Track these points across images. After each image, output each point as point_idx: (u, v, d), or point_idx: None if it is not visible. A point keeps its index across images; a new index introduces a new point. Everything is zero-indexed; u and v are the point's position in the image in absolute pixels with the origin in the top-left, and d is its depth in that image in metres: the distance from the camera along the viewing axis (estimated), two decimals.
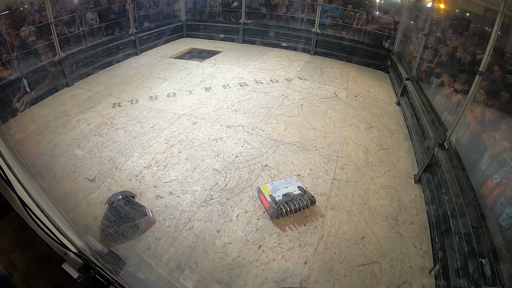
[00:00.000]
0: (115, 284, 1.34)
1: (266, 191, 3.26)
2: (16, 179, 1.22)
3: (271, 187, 3.31)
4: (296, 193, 3.26)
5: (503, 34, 3.42)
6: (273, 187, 3.31)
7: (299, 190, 3.30)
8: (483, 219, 2.49)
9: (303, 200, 3.17)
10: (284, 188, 3.31)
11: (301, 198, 3.19)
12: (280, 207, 3.06)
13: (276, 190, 3.27)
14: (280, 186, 3.33)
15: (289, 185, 3.36)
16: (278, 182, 3.45)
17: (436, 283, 2.62)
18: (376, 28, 8.00)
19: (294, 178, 3.54)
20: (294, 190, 3.30)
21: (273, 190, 3.27)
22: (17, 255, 1.37)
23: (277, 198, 3.16)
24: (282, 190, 3.27)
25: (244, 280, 2.59)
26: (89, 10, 7.23)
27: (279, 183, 3.39)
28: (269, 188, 3.30)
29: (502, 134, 2.85)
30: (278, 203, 3.10)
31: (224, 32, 9.75)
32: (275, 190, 3.27)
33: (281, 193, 3.24)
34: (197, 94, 5.96)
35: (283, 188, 3.31)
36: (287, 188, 3.32)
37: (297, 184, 3.40)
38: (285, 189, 3.30)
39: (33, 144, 4.38)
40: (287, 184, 3.39)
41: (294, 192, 3.27)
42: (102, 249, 1.68)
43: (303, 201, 3.16)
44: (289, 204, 3.11)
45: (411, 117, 5.06)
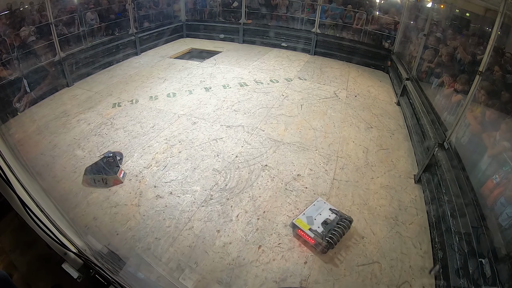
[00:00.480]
0: (115, 284, 1.34)
1: (303, 225, 2.94)
2: (16, 179, 1.22)
3: (305, 219, 3.00)
4: (332, 217, 3.00)
5: (503, 34, 3.42)
6: (308, 219, 3.01)
7: (333, 213, 3.05)
8: (483, 219, 2.49)
9: (343, 223, 2.91)
10: (319, 216, 3.03)
11: (340, 222, 2.94)
12: (327, 240, 2.77)
13: (312, 221, 2.98)
14: (313, 214, 3.05)
15: (321, 211, 3.09)
16: (308, 210, 3.14)
17: (436, 283, 2.62)
18: (376, 28, 8.01)
19: (321, 200, 3.27)
20: (329, 215, 3.04)
21: (309, 222, 2.98)
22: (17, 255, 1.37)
23: (318, 230, 2.87)
24: (318, 219, 2.99)
25: (244, 280, 2.59)
26: (89, 10, 7.23)
27: (311, 212, 3.10)
28: (304, 221, 2.99)
29: (502, 134, 2.85)
30: (323, 235, 2.81)
31: (224, 32, 9.75)
32: (311, 221, 2.98)
33: (319, 222, 2.96)
34: (197, 94, 5.97)
35: (318, 216, 3.03)
36: (321, 214, 3.05)
37: (327, 206, 3.15)
38: (320, 217, 3.02)
39: (33, 144, 4.38)
40: (319, 210, 3.12)
41: (330, 217, 3.01)
42: (102, 249, 1.68)
43: (344, 225, 2.90)
44: (333, 234, 2.82)
45: (411, 117, 5.06)
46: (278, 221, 3.16)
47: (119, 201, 3.35)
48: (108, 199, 3.37)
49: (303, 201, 3.43)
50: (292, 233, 3.03)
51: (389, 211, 3.37)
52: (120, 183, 3.58)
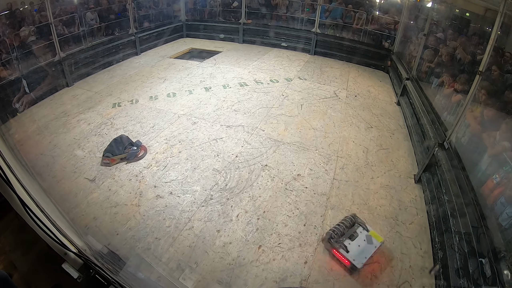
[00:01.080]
0: (115, 284, 1.34)
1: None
2: (16, 179, 1.22)
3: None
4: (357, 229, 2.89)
5: (503, 34, 3.42)
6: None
7: (364, 229, 2.90)
8: (483, 219, 2.49)
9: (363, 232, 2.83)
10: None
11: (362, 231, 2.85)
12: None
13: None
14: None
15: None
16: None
17: (436, 283, 2.62)
18: (376, 28, 8.00)
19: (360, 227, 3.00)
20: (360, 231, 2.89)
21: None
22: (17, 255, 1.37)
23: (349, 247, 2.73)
24: (346, 235, 2.84)
25: (244, 280, 2.59)
26: (89, 10, 7.23)
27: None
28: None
29: (502, 134, 2.85)
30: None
31: (224, 32, 9.75)
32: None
33: (347, 237, 2.82)
34: (197, 94, 5.97)
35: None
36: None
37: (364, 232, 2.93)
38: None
39: (33, 144, 4.38)
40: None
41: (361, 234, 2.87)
42: (102, 249, 1.68)
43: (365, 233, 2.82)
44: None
45: (411, 117, 5.06)
46: (278, 221, 3.16)
47: (119, 201, 3.35)
48: (108, 199, 3.37)
49: (303, 201, 3.43)
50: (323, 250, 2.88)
51: (389, 211, 3.37)
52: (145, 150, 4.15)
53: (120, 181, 3.63)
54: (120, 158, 3.93)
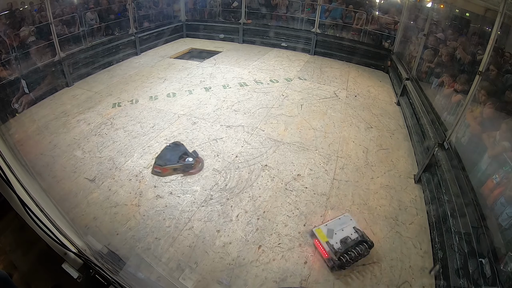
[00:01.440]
0: (115, 284, 1.34)
1: (321, 236, 2.85)
2: (16, 179, 1.22)
3: (325, 231, 2.88)
4: (353, 237, 2.82)
5: (503, 34, 3.42)
6: (328, 231, 2.88)
7: (356, 232, 2.87)
8: (483, 219, 2.49)
9: (362, 247, 2.73)
10: (340, 231, 2.88)
11: (360, 244, 2.76)
12: (340, 259, 2.65)
13: (332, 235, 2.85)
14: (336, 228, 2.91)
15: (344, 227, 2.93)
16: (332, 222, 3.01)
17: (436, 283, 2.62)
18: (376, 28, 8.01)
19: (348, 216, 3.10)
20: (351, 233, 2.86)
21: (329, 234, 2.85)
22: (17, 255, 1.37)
23: (335, 246, 2.73)
24: (338, 235, 2.85)
25: (244, 280, 2.59)
26: (89, 10, 7.23)
27: (334, 225, 2.96)
28: (324, 231, 2.88)
29: (502, 134, 2.85)
30: (338, 252, 2.67)
31: (224, 32, 9.75)
32: (331, 234, 2.85)
33: (338, 238, 2.81)
34: (197, 94, 5.96)
35: (339, 231, 2.89)
36: (343, 230, 2.89)
37: (352, 224, 2.98)
38: (342, 232, 2.87)
39: (33, 144, 4.38)
40: (342, 225, 2.96)
41: (352, 235, 2.84)
42: (102, 249, 1.68)
43: (362, 248, 2.72)
44: (349, 254, 2.67)
45: (411, 117, 5.06)
46: (278, 221, 3.16)
47: (119, 201, 3.35)
48: (108, 199, 3.37)
49: (303, 201, 3.43)
50: (310, 240, 2.95)
51: (389, 211, 3.37)
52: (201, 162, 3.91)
53: (120, 181, 3.63)
54: (173, 169, 3.68)
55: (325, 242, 2.79)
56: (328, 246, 2.75)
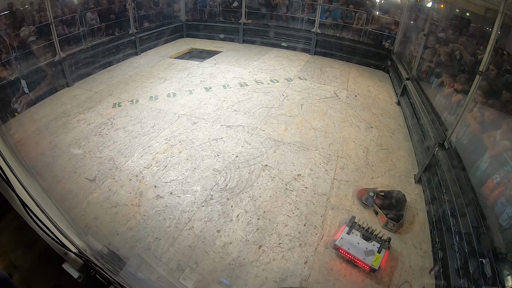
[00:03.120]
0: (116, 284, 1.34)
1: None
2: (16, 179, 1.22)
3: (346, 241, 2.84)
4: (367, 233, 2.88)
5: (503, 34, 3.42)
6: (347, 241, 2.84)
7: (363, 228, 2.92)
8: (483, 219, 2.49)
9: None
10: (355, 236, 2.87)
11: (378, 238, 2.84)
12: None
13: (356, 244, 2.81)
14: (353, 237, 2.87)
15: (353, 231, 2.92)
16: (344, 234, 2.90)
17: (436, 283, 2.62)
18: (376, 28, 8.00)
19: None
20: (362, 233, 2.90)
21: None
22: (17, 255, 1.37)
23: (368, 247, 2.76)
24: (356, 239, 2.84)
25: (244, 280, 2.59)
26: (89, 10, 7.23)
27: (345, 234, 2.89)
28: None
29: (502, 134, 2.85)
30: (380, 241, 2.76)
31: (224, 32, 9.75)
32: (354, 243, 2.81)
33: (358, 239, 2.83)
34: (197, 94, 5.96)
35: (354, 236, 2.87)
36: (356, 235, 2.88)
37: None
38: (356, 237, 2.86)
39: (33, 144, 4.38)
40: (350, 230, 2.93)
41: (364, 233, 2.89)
42: (102, 249, 1.68)
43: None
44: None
45: (411, 117, 5.06)
46: (279, 221, 3.16)
47: (119, 201, 3.35)
48: (108, 199, 3.37)
49: (303, 201, 3.43)
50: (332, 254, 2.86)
51: None
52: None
53: (120, 181, 3.63)
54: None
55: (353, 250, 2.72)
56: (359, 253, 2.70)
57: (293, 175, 3.82)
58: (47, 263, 1.37)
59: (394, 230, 3.09)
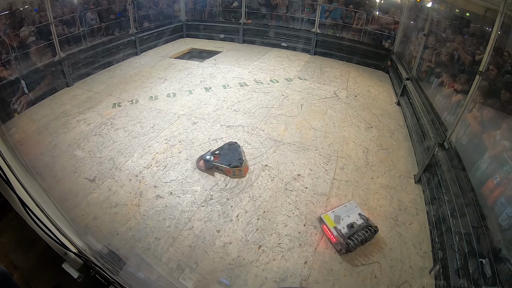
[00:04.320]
0: (115, 284, 1.34)
1: (329, 222, 3.01)
2: (16, 179, 1.22)
3: (333, 217, 3.05)
4: (359, 222, 3.00)
5: (503, 34, 3.42)
6: (336, 217, 3.04)
7: (361, 218, 3.04)
8: (483, 219, 2.49)
9: (368, 231, 2.91)
10: (347, 218, 3.04)
11: (366, 229, 2.94)
12: (348, 242, 2.81)
13: (340, 220, 3.01)
14: (342, 214, 3.07)
15: (350, 213, 3.09)
16: (338, 209, 3.16)
17: (436, 283, 2.62)
18: (376, 28, 8.01)
19: (353, 203, 3.26)
20: (356, 219, 3.03)
21: (336, 220, 3.01)
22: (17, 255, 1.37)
23: (343, 230, 2.90)
24: (345, 220, 3.01)
25: (244, 280, 2.59)
26: (89, 10, 7.23)
27: (340, 211, 3.12)
28: (332, 217, 3.05)
29: (502, 134, 2.85)
30: (345, 236, 2.85)
31: (224, 32, 9.75)
32: (338, 220, 3.01)
33: (345, 223, 2.98)
34: (197, 94, 5.97)
35: (346, 217, 3.05)
36: (349, 217, 3.05)
37: (357, 210, 3.14)
38: (348, 218, 3.03)
39: (33, 144, 4.38)
40: (348, 212, 3.11)
41: (357, 221, 3.01)
42: (102, 249, 1.68)
43: (369, 233, 2.90)
44: (356, 238, 2.84)
45: (411, 117, 5.06)
46: (278, 221, 3.17)
47: (119, 201, 3.35)
48: (108, 199, 3.37)
49: (303, 201, 3.43)
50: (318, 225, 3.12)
51: (389, 211, 3.37)
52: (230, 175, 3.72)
53: (120, 181, 3.63)
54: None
55: (333, 227, 2.95)
56: (336, 231, 2.91)
57: (293, 175, 3.82)
58: (47, 263, 1.37)
59: (242, 174, 3.56)
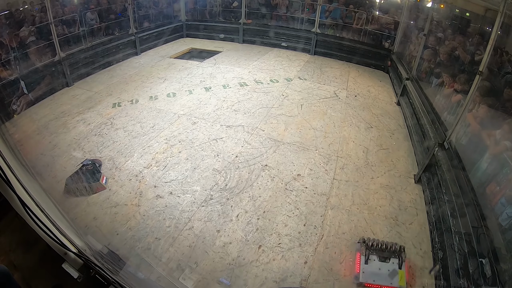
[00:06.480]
0: (115, 284, 1.34)
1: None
2: (16, 179, 1.22)
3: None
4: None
5: (503, 34, 3.41)
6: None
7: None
8: (483, 219, 2.49)
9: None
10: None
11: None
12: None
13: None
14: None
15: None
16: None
17: (436, 283, 2.62)
18: (376, 28, 8.00)
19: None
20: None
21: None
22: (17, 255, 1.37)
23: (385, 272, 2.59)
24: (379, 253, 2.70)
25: (244, 280, 2.59)
26: (89, 10, 7.23)
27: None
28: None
29: (502, 134, 2.85)
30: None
31: (224, 32, 9.74)
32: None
33: (378, 255, 2.69)
34: (197, 94, 5.96)
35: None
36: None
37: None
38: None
39: (33, 144, 4.38)
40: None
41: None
42: (102, 249, 1.68)
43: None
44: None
45: (411, 117, 5.06)
46: (278, 221, 3.16)
47: (119, 201, 3.35)
48: (108, 199, 3.37)
49: (303, 201, 3.43)
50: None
51: (389, 211, 3.37)
52: (104, 189, 3.49)
53: (120, 181, 3.63)
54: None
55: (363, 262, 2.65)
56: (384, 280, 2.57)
57: (293, 175, 3.82)
58: (47, 263, 1.37)
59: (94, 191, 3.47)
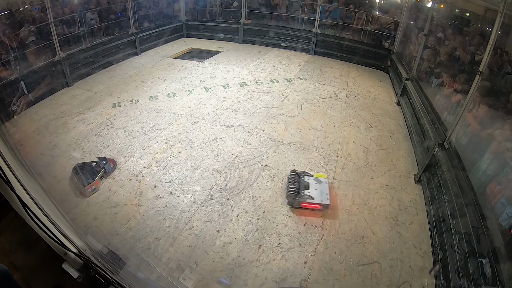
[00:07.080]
0: (115, 284, 1.34)
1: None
2: (16, 179, 1.22)
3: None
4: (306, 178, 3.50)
5: (503, 34, 3.42)
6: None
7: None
8: (483, 219, 2.49)
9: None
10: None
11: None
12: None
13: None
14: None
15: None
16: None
17: (436, 283, 2.62)
18: (376, 28, 8.00)
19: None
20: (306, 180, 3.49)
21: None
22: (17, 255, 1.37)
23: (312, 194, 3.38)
24: (301, 188, 3.43)
25: (244, 280, 2.59)
26: (89, 10, 7.23)
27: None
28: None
29: (502, 134, 2.85)
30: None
31: (224, 32, 9.75)
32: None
33: (302, 189, 3.40)
34: (197, 94, 5.96)
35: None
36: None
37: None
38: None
39: (33, 144, 4.38)
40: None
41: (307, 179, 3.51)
42: (102, 249, 1.68)
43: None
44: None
45: (411, 117, 5.06)
46: (278, 221, 3.16)
47: (119, 201, 3.35)
48: (108, 199, 3.37)
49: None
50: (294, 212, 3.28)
51: (389, 211, 3.37)
52: (84, 197, 3.36)
53: (120, 181, 3.63)
54: (100, 177, 3.59)
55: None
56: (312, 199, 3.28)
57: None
58: (47, 263, 1.37)
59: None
